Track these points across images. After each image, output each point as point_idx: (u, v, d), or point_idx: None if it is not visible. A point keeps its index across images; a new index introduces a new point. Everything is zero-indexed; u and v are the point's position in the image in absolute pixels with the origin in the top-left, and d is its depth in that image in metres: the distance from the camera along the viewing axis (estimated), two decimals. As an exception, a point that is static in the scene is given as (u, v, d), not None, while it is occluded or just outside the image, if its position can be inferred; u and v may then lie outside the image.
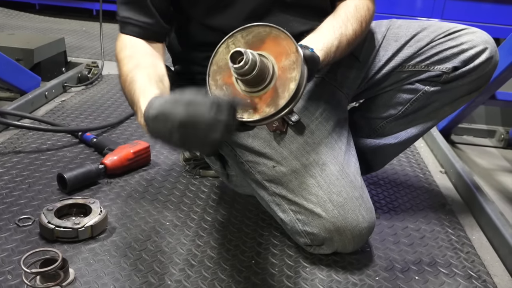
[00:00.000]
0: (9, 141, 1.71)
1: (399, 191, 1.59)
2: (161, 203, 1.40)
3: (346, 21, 1.12)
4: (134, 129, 1.90)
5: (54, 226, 1.18)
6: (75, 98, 2.20)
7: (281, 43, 0.88)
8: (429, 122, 1.35)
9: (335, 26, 1.10)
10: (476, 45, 1.23)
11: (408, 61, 1.29)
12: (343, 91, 1.31)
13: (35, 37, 2.70)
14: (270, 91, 0.88)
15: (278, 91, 0.87)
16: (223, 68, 0.91)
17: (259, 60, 0.84)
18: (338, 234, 1.14)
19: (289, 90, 0.86)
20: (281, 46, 0.88)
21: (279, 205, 1.20)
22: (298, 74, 0.86)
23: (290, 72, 0.87)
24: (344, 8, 1.16)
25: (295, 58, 0.87)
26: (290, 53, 0.88)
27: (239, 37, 0.91)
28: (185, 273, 1.12)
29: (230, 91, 0.90)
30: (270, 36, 0.89)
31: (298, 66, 0.86)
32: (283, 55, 0.88)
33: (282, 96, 0.86)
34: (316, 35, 1.07)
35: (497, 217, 1.38)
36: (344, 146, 1.22)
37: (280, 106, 0.86)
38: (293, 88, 0.85)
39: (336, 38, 1.07)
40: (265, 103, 0.87)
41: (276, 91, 0.87)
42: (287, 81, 0.87)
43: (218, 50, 0.93)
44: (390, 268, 1.20)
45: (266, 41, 0.90)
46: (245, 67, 0.83)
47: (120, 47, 1.14)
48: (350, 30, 1.11)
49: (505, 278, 1.22)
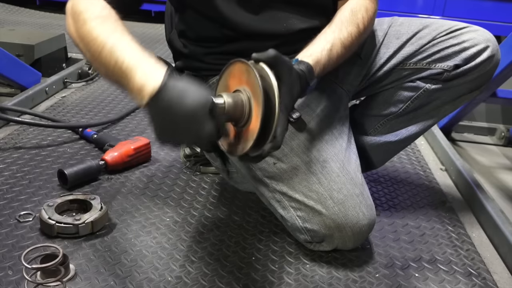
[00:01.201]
0: (9, 136, 1.71)
1: (399, 189, 1.59)
2: (161, 199, 1.41)
3: (340, 25, 1.11)
4: (134, 125, 1.90)
5: (54, 222, 1.18)
6: (75, 94, 2.20)
7: (234, 72, 0.90)
8: (429, 120, 1.35)
9: (327, 33, 1.10)
10: (477, 43, 1.23)
11: (409, 59, 1.29)
12: (344, 88, 1.31)
13: (36, 33, 2.70)
14: (253, 113, 0.87)
15: (257, 107, 0.86)
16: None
17: (228, 99, 0.86)
18: (338, 231, 1.14)
19: (260, 90, 0.84)
20: (236, 72, 0.90)
21: (279, 201, 1.20)
22: (254, 70, 0.84)
23: (251, 78, 0.86)
24: (339, 14, 1.15)
25: (246, 67, 0.87)
26: (242, 69, 0.88)
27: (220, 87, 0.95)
28: (185, 269, 1.12)
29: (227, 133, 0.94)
30: (228, 77, 0.92)
31: (250, 68, 0.86)
32: (242, 76, 0.88)
33: (259, 103, 0.85)
34: (305, 48, 1.07)
35: (497, 215, 1.38)
36: (344, 143, 1.22)
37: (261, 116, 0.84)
38: (258, 83, 0.84)
39: (327, 42, 1.07)
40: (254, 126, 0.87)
41: (256, 109, 0.87)
42: (256, 93, 0.86)
43: None
44: (390, 265, 1.20)
45: (229, 84, 0.92)
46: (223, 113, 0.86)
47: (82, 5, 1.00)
48: (344, 33, 1.10)
49: (505, 276, 1.22)
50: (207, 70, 1.26)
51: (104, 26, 0.96)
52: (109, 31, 0.94)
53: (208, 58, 1.24)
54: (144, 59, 0.90)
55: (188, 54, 1.27)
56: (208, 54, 1.24)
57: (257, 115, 0.86)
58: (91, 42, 0.95)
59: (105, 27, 0.95)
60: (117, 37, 0.93)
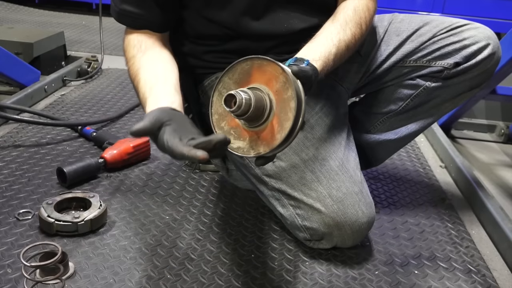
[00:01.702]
0: (8, 135, 1.71)
1: (398, 186, 1.59)
2: (160, 197, 1.40)
3: (344, 26, 1.09)
4: (134, 123, 1.89)
5: (53, 220, 1.18)
6: (74, 92, 2.19)
7: (267, 69, 0.89)
8: (429, 118, 1.35)
9: (333, 33, 1.07)
10: (478, 41, 1.23)
11: (409, 56, 1.28)
12: (343, 86, 1.31)
13: (35, 31, 2.69)
14: (274, 118, 0.88)
15: (281, 114, 0.87)
16: (224, 114, 0.92)
17: (253, 95, 0.85)
18: (337, 229, 1.14)
19: (291, 110, 0.86)
20: (267, 72, 0.89)
21: (278, 200, 1.20)
22: (293, 91, 0.86)
23: (285, 92, 0.87)
24: (343, 12, 1.13)
25: (284, 78, 0.87)
26: (278, 75, 0.88)
27: (227, 80, 0.91)
28: (184, 267, 1.12)
29: (238, 133, 0.91)
30: (254, 67, 0.90)
31: (290, 84, 0.86)
32: (273, 80, 0.88)
33: (287, 118, 0.86)
34: (313, 45, 1.05)
35: (497, 212, 1.38)
36: (344, 141, 1.22)
37: (289, 127, 0.86)
38: (293, 106, 0.85)
39: (334, 45, 1.05)
40: (275, 131, 0.88)
41: (280, 115, 0.87)
42: (285, 102, 0.87)
43: (213, 100, 0.93)
44: (389, 262, 1.20)
45: (253, 73, 0.90)
46: (241, 107, 0.83)
47: (126, 44, 1.16)
48: (349, 34, 1.09)
49: (504, 273, 1.22)
50: (205, 68, 1.25)
51: (136, 63, 1.11)
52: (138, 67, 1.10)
53: (207, 56, 1.24)
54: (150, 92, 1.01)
55: (186, 52, 1.26)
56: (207, 52, 1.23)
57: (279, 122, 0.87)
58: (131, 76, 1.12)
59: (137, 63, 1.11)
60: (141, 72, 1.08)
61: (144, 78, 1.06)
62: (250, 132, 0.90)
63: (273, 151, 0.88)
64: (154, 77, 1.06)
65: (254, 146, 0.89)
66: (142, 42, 1.14)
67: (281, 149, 0.89)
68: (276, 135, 0.87)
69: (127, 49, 1.15)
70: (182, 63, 1.28)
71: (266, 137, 0.88)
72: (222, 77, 0.92)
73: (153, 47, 1.14)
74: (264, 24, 1.17)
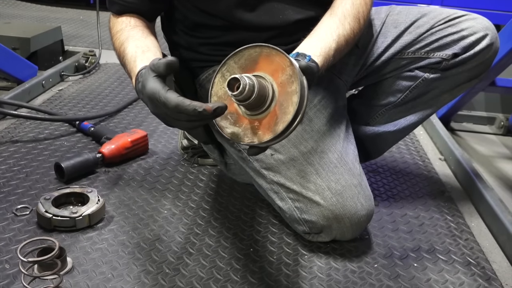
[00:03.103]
0: (6, 130, 1.70)
1: (398, 179, 1.58)
2: (159, 191, 1.40)
3: (343, 20, 1.08)
4: (132, 118, 1.90)
5: (51, 215, 1.17)
6: (72, 87, 2.19)
7: (274, 59, 0.87)
8: (428, 109, 1.34)
9: (332, 27, 1.06)
10: (476, 32, 1.22)
11: (407, 48, 1.28)
12: (341, 78, 1.30)
13: (32, 26, 2.68)
14: (274, 109, 0.87)
15: (282, 107, 0.86)
16: (223, 97, 0.90)
17: (257, 82, 0.84)
18: (336, 222, 1.13)
19: (293, 104, 0.84)
20: (275, 62, 0.87)
21: (277, 193, 1.19)
22: (298, 86, 0.84)
23: (290, 86, 0.86)
24: (341, 6, 1.11)
25: (291, 71, 0.86)
26: (285, 67, 0.86)
27: (232, 64, 0.90)
28: (183, 261, 1.12)
29: (235, 118, 0.89)
30: (262, 55, 0.88)
31: (296, 78, 0.85)
32: (279, 71, 0.87)
33: (287, 111, 0.85)
34: (313, 40, 1.04)
35: (496, 204, 1.38)
36: (342, 134, 1.21)
37: (288, 121, 0.84)
38: (296, 101, 0.84)
39: (333, 40, 1.04)
40: (273, 122, 0.86)
41: (280, 107, 0.86)
42: (288, 95, 0.86)
43: (214, 81, 0.91)
44: (388, 255, 1.20)
45: (259, 61, 0.89)
46: (244, 92, 0.82)
47: (112, 23, 1.18)
48: (348, 29, 1.08)
49: (504, 265, 1.22)
50: (201, 61, 1.25)
51: (122, 36, 1.11)
52: (123, 39, 1.10)
53: (203, 49, 1.23)
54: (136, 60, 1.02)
55: (183, 45, 1.25)
56: (203, 44, 1.23)
57: (279, 114, 0.85)
58: (117, 50, 1.12)
59: (122, 37, 1.11)
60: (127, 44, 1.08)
61: (134, 44, 1.07)
62: (247, 119, 0.88)
63: (267, 143, 0.87)
64: (145, 46, 1.06)
65: (249, 135, 0.88)
66: (130, 20, 1.15)
67: (276, 142, 0.88)
68: (273, 127, 0.86)
69: (114, 26, 1.16)
70: (179, 56, 1.28)
71: (263, 128, 0.87)
72: (228, 60, 0.90)
73: (142, 26, 1.15)
74: (259, 15, 1.16)
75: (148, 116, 1.92)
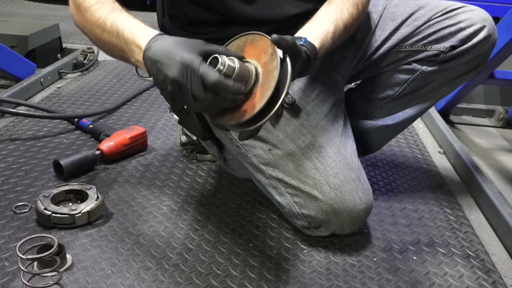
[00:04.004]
0: (5, 128, 1.70)
1: (397, 172, 1.58)
2: (158, 188, 1.40)
3: (341, 6, 1.09)
4: (130, 114, 1.89)
5: (50, 213, 1.17)
6: (71, 85, 2.18)
7: (257, 44, 0.90)
8: (426, 102, 1.34)
9: (330, 12, 1.07)
10: (474, 23, 1.21)
11: (405, 41, 1.27)
12: (339, 72, 1.30)
13: (29, 24, 2.67)
14: (258, 90, 0.88)
15: (265, 85, 0.87)
16: None
17: (237, 62, 0.85)
18: (335, 216, 1.14)
19: (274, 79, 0.85)
20: (258, 46, 0.90)
21: (275, 188, 1.19)
22: (278, 61, 0.85)
23: (271, 63, 0.87)
24: None
25: (272, 50, 0.87)
26: (266, 47, 0.89)
27: None
28: (182, 257, 1.12)
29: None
30: (247, 42, 0.91)
31: (276, 55, 0.86)
32: (262, 53, 0.89)
33: (268, 87, 0.86)
34: (311, 24, 1.05)
35: (496, 197, 1.38)
36: (340, 128, 1.21)
37: (269, 95, 0.85)
38: (276, 75, 0.85)
39: (331, 23, 1.04)
40: (257, 101, 0.87)
41: (263, 86, 0.87)
42: (270, 72, 0.87)
43: None
44: (388, 249, 1.20)
45: (245, 49, 0.91)
46: (223, 69, 0.84)
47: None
48: (346, 14, 1.08)
49: (503, 257, 1.22)
50: None
51: (103, 8, 1.02)
52: (108, 11, 1.01)
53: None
54: (142, 26, 0.96)
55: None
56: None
57: (262, 92, 0.87)
58: (95, 23, 1.02)
59: (104, 8, 1.02)
60: (116, 14, 1.00)
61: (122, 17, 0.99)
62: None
63: (253, 121, 0.87)
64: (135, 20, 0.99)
65: (236, 116, 0.89)
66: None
67: (264, 121, 0.87)
68: (257, 104, 0.87)
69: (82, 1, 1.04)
70: None
71: (248, 107, 0.88)
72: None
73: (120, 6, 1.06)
74: (257, 8, 1.15)
75: (147, 113, 1.92)
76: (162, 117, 1.89)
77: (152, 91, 2.12)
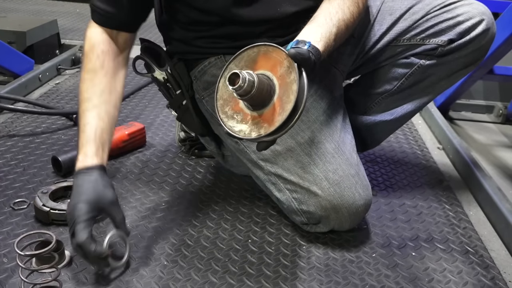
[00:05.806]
0: (3, 124, 1.70)
1: (396, 168, 1.58)
2: (157, 184, 1.40)
3: (342, 5, 1.07)
4: (129, 110, 1.89)
5: (49, 209, 1.17)
6: (69, 81, 2.18)
7: (272, 55, 0.91)
8: (425, 97, 1.34)
9: (332, 13, 1.05)
10: (472, 17, 1.21)
11: (403, 35, 1.27)
12: (338, 68, 1.29)
13: (28, 20, 2.67)
14: (276, 101, 0.90)
15: (283, 97, 0.89)
16: (228, 99, 0.94)
17: (256, 76, 0.86)
18: (334, 212, 1.13)
19: (293, 92, 0.87)
20: (273, 58, 0.91)
21: (274, 184, 1.19)
22: (296, 75, 0.87)
23: (288, 76, 0.89)
24: None
25: (288, 63, 0.89)
26: (282, 60, 0.90)
27: (233, 67, 0.93)
28: (181, 253, 1.12)
29: (241, 117, 0.92)
30: (260, 54, 0.92)
31: (293, 68, 0.88)
32: (277, 65, 0.90)
33: (288, 100, 0.88)
34: (313, 26, 1.03)
35: (495, 193, 1.37)
36: (339, 124, 1.20)
37: (290, 109, 0.87)
38: (295, 88, 0.87)
39: (333, 24, 1.03)
40: (276, 113, 0.89)
41: (282, 98, 0.89)
42: (288, 85, 0.88)
43: (218, 86, 0.95)
44: (387, 245, 1.20)
45: (258, 60, 0.92)
46: (244, 86, 0.84)
47: (89, 45, 1.15)
48: (347, 13, 1.07)
49: (502, 253, 1.22)
50: (196, 54, 1.23)
51: (89, 83, 1.12)
52: (89, 94, 1.11)
53: (198, 42, 1.22)
54: (89, 145, 1.07)
55: (178, 38, 1.24)
56: (198, 38, 1.21)
57: (281, 105, 0.88)
58: (79, 90, 1.13)
59: (89, 83, 1.12)
60: (90, 106, 1.10)
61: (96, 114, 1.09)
62: (252, 115, 0.91)
63: (274, 133, 0.89)
64: (100, 129, 1.09)
65: (256, 129, 0.90)
66: (106, 55, 1.14)
67: (283, 132, 0.90)
68: (277, 117, 0.88)
69: (88, 55, 1.14)
70: (176, 49, 1.27)
71: (268, 120, 0.89)
72: (229, 64, 0.94)
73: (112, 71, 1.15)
74: (257, 9, 1.15)
75: (145, 109, 1.91)
76: (160, 113, 1.88)
77: (150, 87, 2.11)
